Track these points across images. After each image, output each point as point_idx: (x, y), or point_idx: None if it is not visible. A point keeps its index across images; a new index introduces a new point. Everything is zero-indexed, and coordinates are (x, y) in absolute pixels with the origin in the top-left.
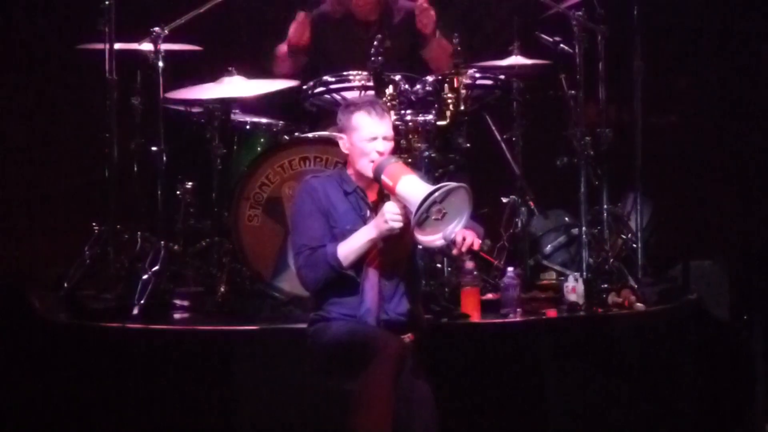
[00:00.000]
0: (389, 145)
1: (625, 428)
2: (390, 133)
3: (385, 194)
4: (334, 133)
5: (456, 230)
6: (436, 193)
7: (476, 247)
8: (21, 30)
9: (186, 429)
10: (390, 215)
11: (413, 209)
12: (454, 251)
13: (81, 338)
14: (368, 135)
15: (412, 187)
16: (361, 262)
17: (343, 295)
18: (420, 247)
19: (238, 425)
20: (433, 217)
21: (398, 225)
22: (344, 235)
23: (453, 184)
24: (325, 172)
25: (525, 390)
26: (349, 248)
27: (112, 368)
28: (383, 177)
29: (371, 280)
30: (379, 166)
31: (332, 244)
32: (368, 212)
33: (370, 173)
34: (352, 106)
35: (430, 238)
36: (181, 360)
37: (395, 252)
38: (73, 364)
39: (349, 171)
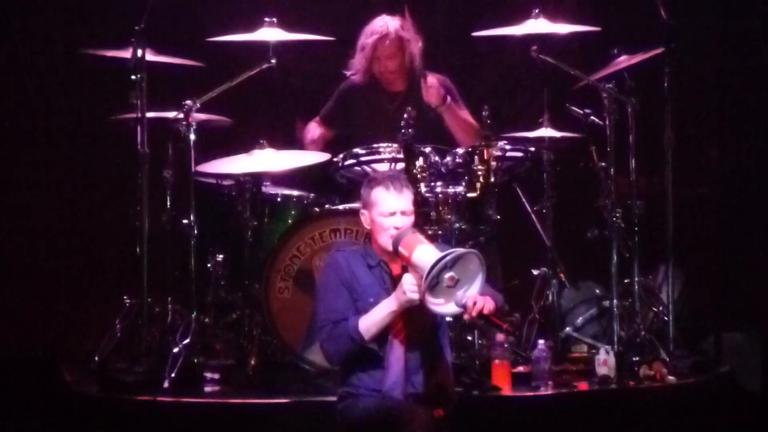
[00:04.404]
0: (408, 219)
1: None
2: (409, 207)
3: (405, 266)
4: (358, 206)
5: (467, 295)
6: (446, 258)
7: (486, 311)
8: (53, 103)
9: None
10: (408, 286)
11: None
12: (465, 316)
13: (112, 411)
14: (387, 210)
15: (425, 254)
16: (384, 335)
17: (368, 369)
18: (448, 319)
19: None
20: (445, 285)
21: (416, 296)
22: (367, 308)
23: (462, 249)
24: (351, 246)
25: None
26: (370, 321)
27: None
28: (400, 248)
29: (396, 352)
30: (397, 237)
31: (354, 317)
32: (391, 285)
33: (390, 247)
34: (372, 182)
35: (444, 306)
36: None
37: (419, 324)
38: None
39: (373, 245)
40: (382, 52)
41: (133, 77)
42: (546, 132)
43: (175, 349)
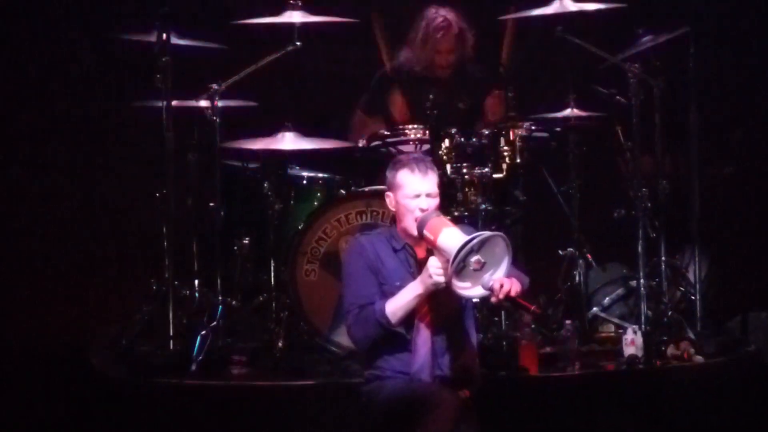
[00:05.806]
0: (433, 201)
1: None
2: (434, 190)
3: (430, 249)
4: (384, 188)
5: (494, 278)
6: (472, 242)
7: (513, 293)
8: (78, 88)
9: None
10: (434, 270)
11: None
12: (492, 299)
13: (139, 394)
14: (411, 192)
15: (451, 238)
16: (411, 318)
17: (394, 351)
18: (475, 300)
19: None
20: (472, 268)
21: (442, 279)
22: (393, 292)
23: (489, 233)
24: (375, 229)
25: None
26: (396, 305)
27: (171, 424)
28: (425, 232)
29: (423, 335)
30: (422, 221)
31: (381, 301)
32: (416, 269)
33: (414, 230)
34: (397, 164)
35: (471, 289)
36: (239, 415)
37: (446, 307)
38: (132, 420)
39: (398, 228)
40: (443, 45)
41: (159, 62)
42: (572, 112)
43: (202, 332)
